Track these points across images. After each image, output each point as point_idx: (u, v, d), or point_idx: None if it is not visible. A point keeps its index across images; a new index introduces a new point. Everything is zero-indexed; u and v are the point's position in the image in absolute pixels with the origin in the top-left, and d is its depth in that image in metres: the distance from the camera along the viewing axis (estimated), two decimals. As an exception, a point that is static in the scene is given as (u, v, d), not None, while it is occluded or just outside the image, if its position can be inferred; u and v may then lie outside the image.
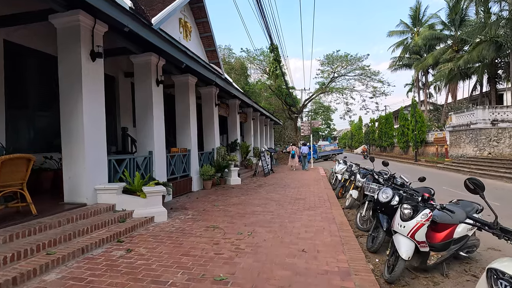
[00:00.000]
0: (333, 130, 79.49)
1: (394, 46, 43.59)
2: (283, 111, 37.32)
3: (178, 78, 8.93)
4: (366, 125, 52.34)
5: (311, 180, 11.71)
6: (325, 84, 33.34)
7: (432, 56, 34.33)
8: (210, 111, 10.91)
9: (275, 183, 10.78)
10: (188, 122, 8.93)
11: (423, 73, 41.01)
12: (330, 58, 31.41)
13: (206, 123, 11.00)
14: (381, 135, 40.09)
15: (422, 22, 40.90)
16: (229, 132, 14.20)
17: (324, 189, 9.26)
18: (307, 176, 13.27)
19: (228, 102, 13.84)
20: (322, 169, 17.58)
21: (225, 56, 35.33)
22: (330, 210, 6.10)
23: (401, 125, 30.40)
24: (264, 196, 7.77)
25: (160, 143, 7.04)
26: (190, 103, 8.95)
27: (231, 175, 10.38)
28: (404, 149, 30.68)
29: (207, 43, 17.02)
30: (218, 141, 11.24)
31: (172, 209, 6.17)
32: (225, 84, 9.99)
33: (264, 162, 13.42)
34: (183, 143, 8.94)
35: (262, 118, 20.64)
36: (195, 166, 9.11)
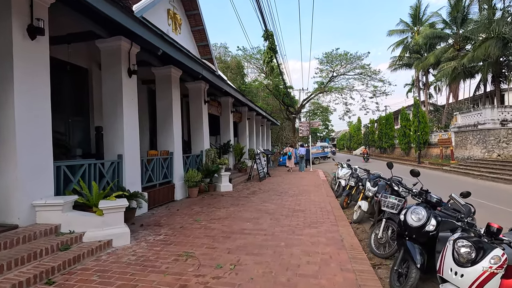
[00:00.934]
0: (331, 131, 78.53)
1: (394, 46, 42.75)
2: (281, 112, 36.26)
3: (159, 71, 7.81)
4: (366, 126, 51.42)
5: (311, 185, 10.61)
6: (324, 84, 32.34)
7: (433, 55, 33.42)
8: (199, 109, 9.79)
9: (270, 189, 9.67)
10: (171, 121, 7.80)
11: (424, 73, 40.15)
12: (329, 56, 30.41)
13: (194, 123, 9.87)
14: (381, 136, 39.10)
15: (423, 21, 40.09)
16: (222, 132, 13.07)
17: (326, 197, 8.15)
18: (306, 180, 12.17)
19: (220, 100, 12.72)
20: (321, 172, 16.49)
21: (221, 55, 34.25)
22: (336, 227, 4.98)
23: (403, 125, 29.41)
24: (257, 207, 6.65)
25: (132, 145, 5.91)
26: (173, 99, 7.83)
27: (221, 181, 9.25)
28: (406, 150, 29.68)
29: (199, 37, 15.89)
30: (208, 143, 10.12)
31: (142, 226, 5.03)
32: (215, 79, 8.88)
33: (259, 165, 12.30)
34: (165, 145, 7.81)
35: (258, 118, 19.53)
36: (179, 171, 7.98)
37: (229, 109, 12.89)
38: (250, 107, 15.63)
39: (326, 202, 7.25)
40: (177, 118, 8.02)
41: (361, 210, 5.73)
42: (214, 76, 8.86)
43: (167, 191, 7.34)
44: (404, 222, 3.10)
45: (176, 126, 7.94)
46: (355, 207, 6.00)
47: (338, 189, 8.99)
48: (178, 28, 13.89)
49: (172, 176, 7.65)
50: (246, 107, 15.52)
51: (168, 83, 7.81)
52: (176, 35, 13.60)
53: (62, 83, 6.80)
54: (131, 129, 5.89)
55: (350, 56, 30.43)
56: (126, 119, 5.75)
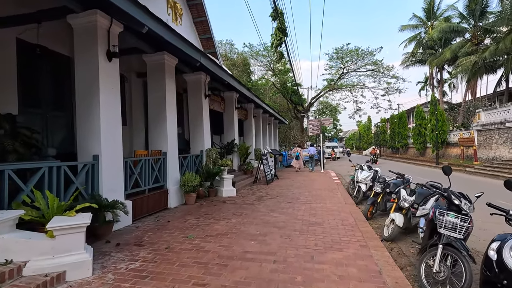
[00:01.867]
0: (339, 131, 76.82)
1: (407, 41, 41.02)
2: (289, 111, 35.07)
3: (151, 58, 6.76)
4: (376, 125, 49.69)
5: (324, 189, 9.43)
6: (334, 81, 31.03)
7: (449, 50, 31.71)
8: (198, 104, 8.72)
9: (279, 194, 8.53)
10: (164, 116, 6.74)
11: (438, 69, 38.38)
12: (339, 52, 29.09)
13: (193, 119, 8.81)
14: (393, 135, 37.51)
15: (437, 15, 38.35)
16: (225, 131, 11.99)
17: (344, 204, 6.97)
18: (319, 183, 10.98)
19: (224, 95, 11.64)
20: (333, 173, 15.26)
21: (227, 52, 33.24)
22: (367, 250, 3.82)
23: (418, 124, 27.89)
24: (263, 219, 5.52)
25: (111, 144, 4.85)
26: (167, 91, 6.77)
27: (223, 185, 8.16)
28: (421, 150, 28.13)
29: (201, 29, 14.89)
30: (209, 141, 9.04)
31: (118, 246, 3.96)
32: (216, 69, 7.80)
33: (266, 166, 11.17)
34: (157, 144, 6.75)
35: (265, 116, 18.40)
36: (174, 174, 6.92)
37: (233, 105, 11.81)
38: (256, 104, 14.51)
39: (347, 212, 6.08)
40: (172, 113, 6.95)
41: (395, 225, 4.56)
42: (215, 66, 7.78)
43: (159, 197, 6.28)
44: (499, 262, 1.94)
45: (171, 122, 6.88)
46: (387, 221, 4.82)
47: (358, 195, 7.80)
48: (179, 19, 12.90)
49: (165, 180, 6.59)
50: (252, 103, 14.42)
51: (161, 72, 6.75)
52: (177, 26, 12.60)
53: (38, 72, 5.82)
54: (110, 124, 4.84)
55: (362, 52, 29.09)
56: (104, 112, 4.70)
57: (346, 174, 15.29)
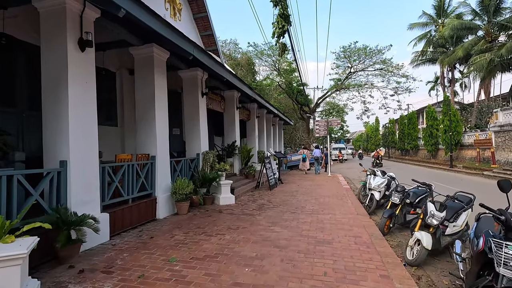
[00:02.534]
0: (346, 132, 75.57)
1: (416, 40, 39.87)
2: (294, 111, 34.23)
3: (139, 51, 6.06)
4: (385, 126, 48.41)
5: (332, 196, 8.60)
6: (341, 81, 30.09)
7: (462, 48, 30.54)
8: (195, 102, 8.00)
9: (283, 201, 7.73)
10: (152, 115, 6.02)
11: (449, 68, 37.11)
12: (347, 51, 28.16)
13: (189, 120, 8.09)
14: (402, 136, 36.30)
15: (448, 12, 37.14)
16: (226, 132, 11.26)
17: (356, 215, 6.14)
18: (326, 189, 10.15)
19: (224, 94, 10.91)
20: (341, 177, 14.38)
21: (231, 52, 32.62)
22: (390, 283, 3.01)
23: (429, 125, 26.74)
24: (262, 234, 4.74)
25: (83, 148, 4.14)
26: (156, 87, 6.05)
27: (220, 191, 7.40)
28: (432, 152, 26.96)
29: (202, 25, 14.20)
30: (206, 144, 8.30)
31: (81, 273, 3.24)
32: (212, 63, 7.06)
33: (269, 170, 10.38)
34: (145, 147, 6.04)
35: (269, 116, 17.63)
36: (165, 181, 6.19)
37: (234, 105, 11.07)
38: (260, 104, 13.76)
39: (359, 226, 5.26)
40: (162, 111, 6.23)
41: (421, 247, 3.73)
42: (211, 61, 7.04)
43: (146, 207, 5.56)
44: None
45: (161, 123, 6.16)
46: (410, 241, 3.99)
47: (371, 204, 6.96)
48: (178, 14, 12.24)
49: (153, 188, 5.87)
50: (255, 103, 13.67)
51: (150, 66, 6.04)
52: (175, 22, 11.93)
53: (5, 65, 5.16)
54: (82, 124, 4.13)
55: (370, 50, 28.12)
56: (73, 109, 4.00)
57: (355, 178, 14.40)
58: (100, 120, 7.09)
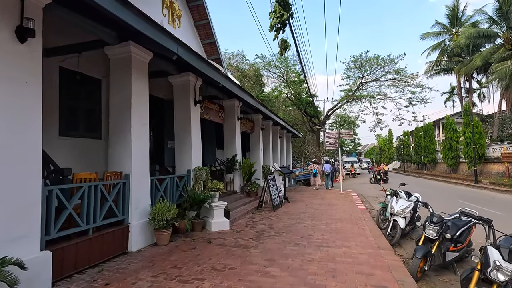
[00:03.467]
0: (358, 145, 73.51)
1: (430, 50, 38.62)
2: (303, 124, 33.10)
3: (114, 51, 5.17)
4: (399, 138, 46.51)
5: (346, 220, 7.34)
6: (352, 91, 28.93)
7: (480, 56, 29.11)
8: (186, 111, 7.04)
9: (286, 227, 6.53)
10: (128, 125, 5.05)
11: (467, 78, 35.50)
12: (357, 61, 27.13)
13: (179, 131, 7.11)
14: (418, 149, 34.48)
15: (462, 21, 35.89)
16: (226, 145, 10.23)
17: (377, 249, 4.88)
18: (338, 209, 8.87)
19: (224, 103, 9.96)
20: (354, 194, 13.03)
21: (238, 63, 32.12)
22: None
23: (448, 137, 25.07)
24: (253, 281, 3.57)
25: (12, 166, 3.16)
26: (133, 92, 5.11)
27: (212, 215, 6.28)
28: (453, 166, 25.14)
29: (204, 33, 13.52)
30: (199, 159, 7.25)
31: None
32: (204, 66, 6.11)
33: (273, 188, 9.20)
34: (118, 163, 5.05)
35: (276, 128, 16.58)
36: (142, 204, 5.14)
37: (235, 115, 10.08)
38: (265, 115, 12.75)
39: (384, 267, 4.01)
40: (140, 121, 5.26)
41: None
42: (202, 63, 6.09)
43: (113, 239, 4.49)
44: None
45: (139, 134, 5.18)
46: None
47: (394, 232, 5.69)
48: (177, 21, 11.57)
49: (125, 213, 4.82)
50: (259, 114, 12.68)
51: (126, 68, 5.12)
52: (174, 29, 11.23)
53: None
54: (12, 136, 3.16)
55: (382, 60, 27.00)
56: (4, 116, 3.04)
57: (371, 196, 13.02)
58: (80, 132, 6.28)
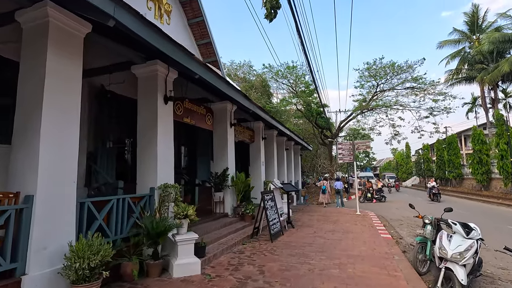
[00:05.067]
0: (372, 160, 70.21)
1: (449, 58, 36.40)
2: (315, 136, 31.11)
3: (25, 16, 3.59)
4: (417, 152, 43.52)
5: (368, 255, 5.32)
6: (366, 101, 26.91)
7: (507, 62, 26.76)
8: (151, 112, 5.35)
9: (283, 271, 4.59)
10: (37, 124, 3.37)
11: (491, 87, 32.91)
12: (371, 68, 25.26)
13: (141, 137, 5.41)
14: (441, 164, 31.63)
15: (483, 28, 33.77)
16: (215, 156, 8.47)
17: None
18: (356, 239, 6.82)
19: (213, 106, 8.29)
20: (373, 215, 10.88)
21: (245, 74, 30.88)
22: None
23: (477, 150, 22.45)
24: None
25: None
26: (47, 73, 3.45)
27: (176, 253, 4.42)
28: (484, 183, 22.35)
29: (198, 32, 12.14)
30: (168, 173, 5.46)
31: None
32: (172, 49, 4.46)
33: (271, 210, 7.27)
34: (19, 178, 3.34)
35: (281, 139, 14.75)
36: (55, 243, 3.36)
37: (227, 121, 8.37)
38: (267, 123, 11.00)
39: None
40: (62, 115, 3.58)
41: None
42: (169, 43, 4.44)
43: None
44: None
45: (54, 135, 3.49)
46: None
47: (445, 285, 3.65)
48: (166, 17, 10.20)
49: (18, 257, 3.05)
50: (260, 121, 10.94)
51: (38, 37, 3.52)
52: (162, 25, 9.84)
53: None
54: None
55: (398, 67, 25.01)
56: None
57: (394, 219, 10.81)
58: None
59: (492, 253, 5.39)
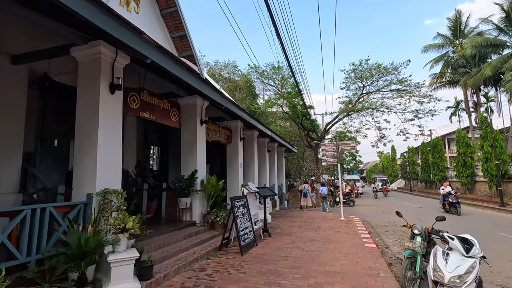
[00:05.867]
0: (359, 163, 70.49)
1: (432, 62, 36.85)
2: (301, 139, 30.56)
3: None
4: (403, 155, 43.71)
5: (349, 272, 4.56)
6: (352, 103, 26.56)
7: (490, 66, 27.07)
8: (92, 104, 4.42)
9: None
10: None
11: (473, 91, 33.37)
12: (357, 70, 24.94)
13: (79, 134, 4.48)
14: (426, 166, 31.64)
15: (465, 33, 34.34)
16: (183, 158, 7.57)
17: None
18: (338, 252, 6.06)
19: (181, 102, 7.41)
20: (358, 221, 10.21)
21: (230, 74, 30.06)
22: None
23: (461, 152, 22.35)
24: None
25: None
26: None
27: (109, 278, 3.52)
28: (468, 185, 22.25)
29: (172, 24, 11.26)
30: (117, 177, 4.54)
31: None
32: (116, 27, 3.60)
33: (243, 218, 6.41)
34: None
35: (263, 140, 13.97)
36: None
37: (197, 118, 7.50)
38: (246, 122, 10.19)
39: None
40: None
41: None
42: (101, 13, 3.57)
43: None
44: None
45: None
46: None
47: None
48: (134, 4, 9.30)
49: None
50: (238, 120, 10.13)
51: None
52: (129, 14, 8.95)
53: None
54: None
55: (384, 68, 24.80)
56: None
57: (380, 225, 10.18)
58: None
59: (486, 267, 4.73)
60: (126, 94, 5.33)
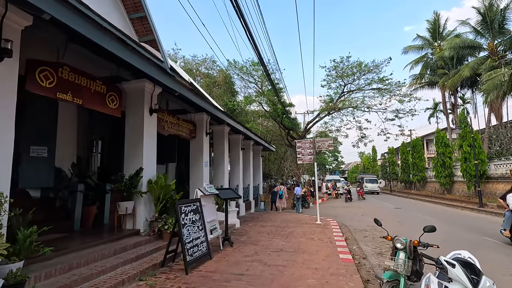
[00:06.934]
0: (341, 163, 70.81)
1: (412, 63, 37.22)
2: (282, 138, 29.73)
3: None
4: (383, 155, 43.93)
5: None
6: (333, 101, 25.98)
7: (467, 67, 27.27)
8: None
9: None
10: None
11: (451, 92, 33.79)
12: (338, 68, 24.37)
13: None
14: (405, 167, 31.67)
15: (444, 35, 34.82)
16: (126, 154, 6.32)
17: None
18: (307, 267, 5.04)
19: (125, 86, 6.17)
20: (335, 225, 9.33)
21: (208, 69, 28.76)
22: None
23: (440, 153, 22.22)
24: None
25: None
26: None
27: None
28: (447, 186, 22.12)
29: (131, 4, 9.96)
30: (6, 172, 3.32)
31: None
32: None
33: (192, 227, 5.25)
34: None
35: (237, 137, 12.85)
36: None
37: (144, 106, 6.26)
38: (215, 117, 9.06)
39: None
40: None
41: None
42: None
43: None
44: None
45: None
46: None
47: None
48: (80, -25, 7.81)
49: None
50: (203, 113, 8.96)
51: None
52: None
53: None
54: None
55: (365, 66, 24.38)
56: None
57: (358, 229, 9.32)
58: None
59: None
60: (32, 68, 4.07)
